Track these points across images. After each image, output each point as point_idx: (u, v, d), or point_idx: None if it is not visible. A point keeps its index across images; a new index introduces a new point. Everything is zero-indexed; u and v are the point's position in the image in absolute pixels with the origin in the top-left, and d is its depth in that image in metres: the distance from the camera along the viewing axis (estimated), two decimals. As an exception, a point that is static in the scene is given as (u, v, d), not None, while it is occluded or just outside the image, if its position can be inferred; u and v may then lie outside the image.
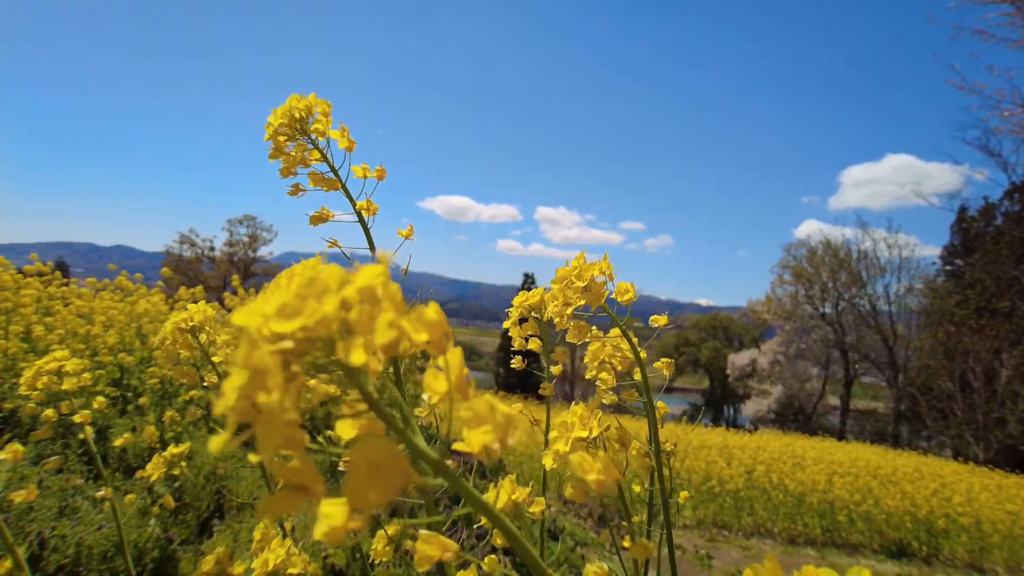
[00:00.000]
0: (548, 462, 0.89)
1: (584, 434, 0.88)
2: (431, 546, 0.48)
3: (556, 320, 1.08)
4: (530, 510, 0.92)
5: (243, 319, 0.34)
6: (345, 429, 0.40)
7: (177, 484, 3.50)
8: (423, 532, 0.48)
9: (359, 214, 1.27)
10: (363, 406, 0.39)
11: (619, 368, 1.11)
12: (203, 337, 1.34)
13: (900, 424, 24.09)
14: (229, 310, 8.13)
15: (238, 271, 30.66)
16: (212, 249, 32.43)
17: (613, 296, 1.08)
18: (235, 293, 9.60)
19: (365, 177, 1.26)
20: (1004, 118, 13.02)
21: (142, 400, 4.59)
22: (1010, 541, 7.87)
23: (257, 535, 1.27)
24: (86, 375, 1.53)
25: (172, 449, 1.57)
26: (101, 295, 6.31)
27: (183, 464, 1.57)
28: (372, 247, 1.27)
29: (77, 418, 1.52)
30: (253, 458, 0.34)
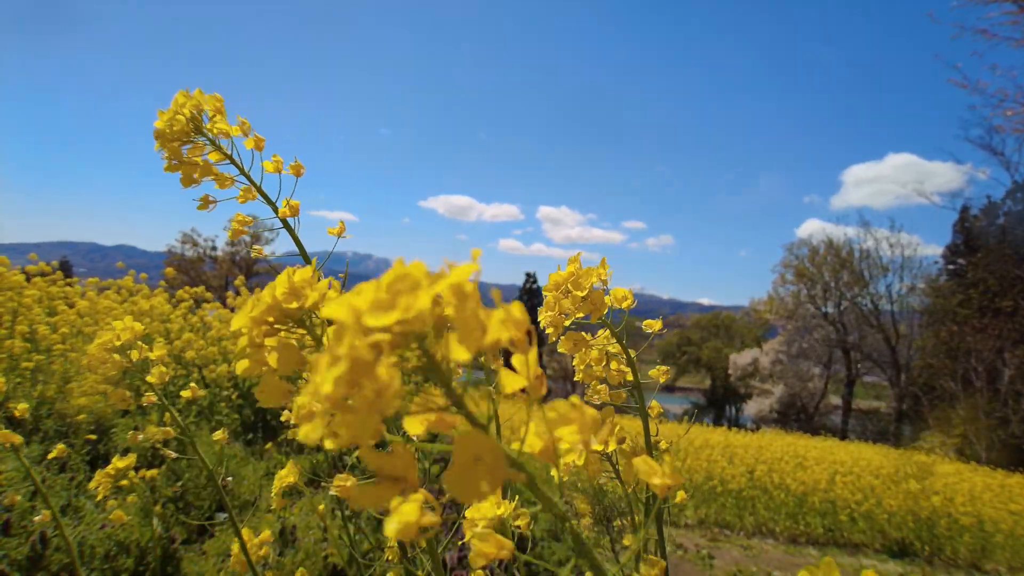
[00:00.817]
0: (556, 475, 0.88)
1: (599, 447, 0.85)
2: (488, 544, 0.48)
3: (550, 331, 0.99)
4: (515, 523, 0.89)
5: (335, 311, 0.34)
6: (414, 426, 0.39)
7: (179, 484, 3.51)
8: (480, 530, 0.48)
9: (284, 221, 1.16)
10: (443, 401, 0.39)
11: (614, 382, 1.06)
12: (134, 355, 1.23)
13: (902, 423, 24.04)
14: (232, 310, 8.14)
15: (241, 271, 30.69)
16: (214, 249, 32.48)
17: (611, 304, 1.01)
18: (238, 293, 9.64)
19: (279, 172, 1.14)
20: (1007, 117, 13.00)
21: (144, 400, 4.61)
22: (1012, 541, 7.85)
23: (235, 548, 1.20)
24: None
25: (116, 462, 1.42)
26: (106, 294, 6.33)
27: (132, 474, 1.44)
28: (303, 251, 1.18)
29: None
30: (330, 445, 0.35)
